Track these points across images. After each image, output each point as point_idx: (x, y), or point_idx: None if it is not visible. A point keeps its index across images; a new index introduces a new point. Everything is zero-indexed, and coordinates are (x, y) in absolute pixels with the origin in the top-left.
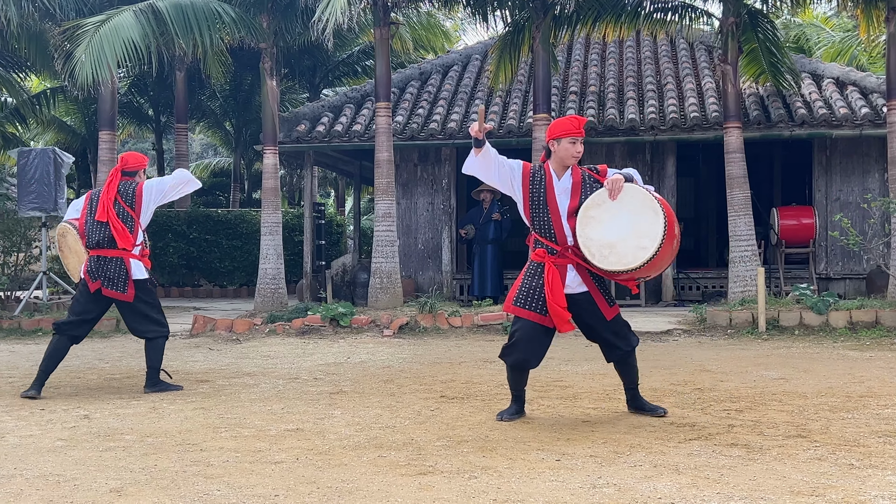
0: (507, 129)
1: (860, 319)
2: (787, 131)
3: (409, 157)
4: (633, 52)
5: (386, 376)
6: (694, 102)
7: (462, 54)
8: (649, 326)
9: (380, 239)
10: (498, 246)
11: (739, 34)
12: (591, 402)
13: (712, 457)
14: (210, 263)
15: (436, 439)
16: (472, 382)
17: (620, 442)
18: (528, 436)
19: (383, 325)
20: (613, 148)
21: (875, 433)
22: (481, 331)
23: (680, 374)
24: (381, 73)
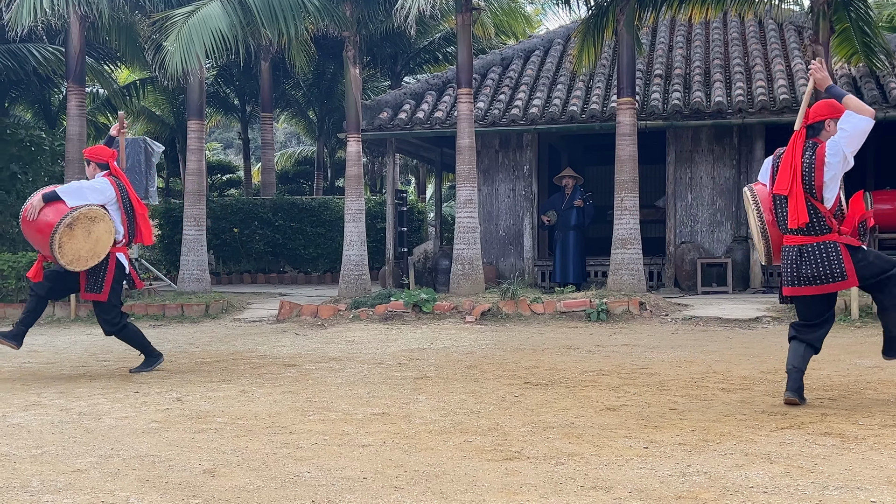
0: (590, 113)
1: None
2: (882, 113)
3: (491, 143)
4: (720, 33)
5: (469, 362)
6: (783, 84)
7: (544, 39)
8: (737, 314)
9: (461, 225)
10: (580, 232)
11: (831, 13)
12: (679, 389)
13: (805, 446)
14: (295, 250)
15: (521, 425)
16: (556, 369)
17: (710, 430)
18: (615, 423)
19: (465, 312)
20: (700, 132)
21: None
22: (564, 317)
23: (770, 361)
24: (463, 59)
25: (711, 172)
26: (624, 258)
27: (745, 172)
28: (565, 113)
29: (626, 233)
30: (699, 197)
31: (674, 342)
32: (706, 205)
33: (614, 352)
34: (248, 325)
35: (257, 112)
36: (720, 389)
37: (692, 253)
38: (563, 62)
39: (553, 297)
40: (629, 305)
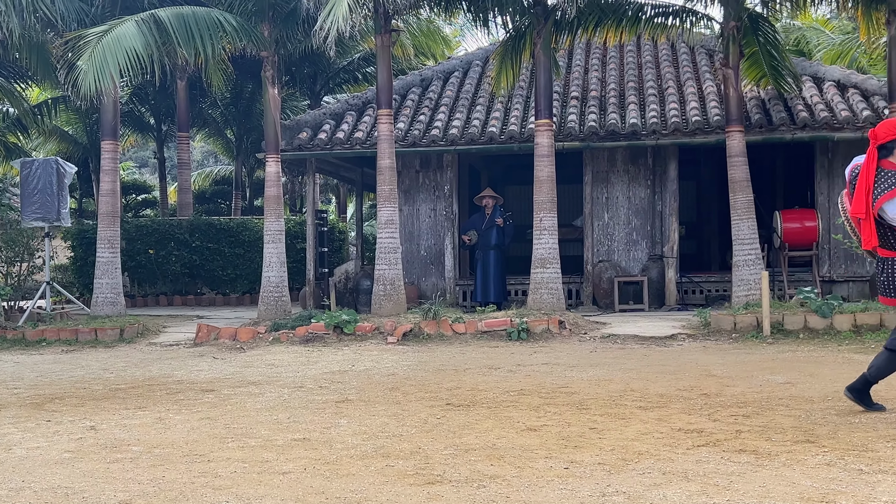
0: (508, 134)
1: (864, 322)
2: (789, 134)
3: (411, 163)
4: (634, 56)
5: (391, 384)
6: (695, 106)
7: (463, 60)
8: (653, 331)
9: (383, 246)
10: (500, 251)
11: (740, 38)
12: (598, 408)
13: (721, 463)
14: (212, 272)
15: (443, 448)
16: (478, 389)
17: (628, 449)
18: (536, 443)
19: (387, 333)
20: (616, 152)
21: (883, 437)
22: (485, 337)
23: (686, 378)
24: (383, 80)
25: (627, 192)
26: (543, 277)
27: (660, 192)
28: (484, 134)
29: (545, 252)
30: (616, 216)
31: (593, 360)
32: (622, 224)
33: (535, 371)
34: (165, 349)
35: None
36: (638, 408)
37: (609, 271)
38: (482, 83)
39: (474, 316)
40: (549, 324)
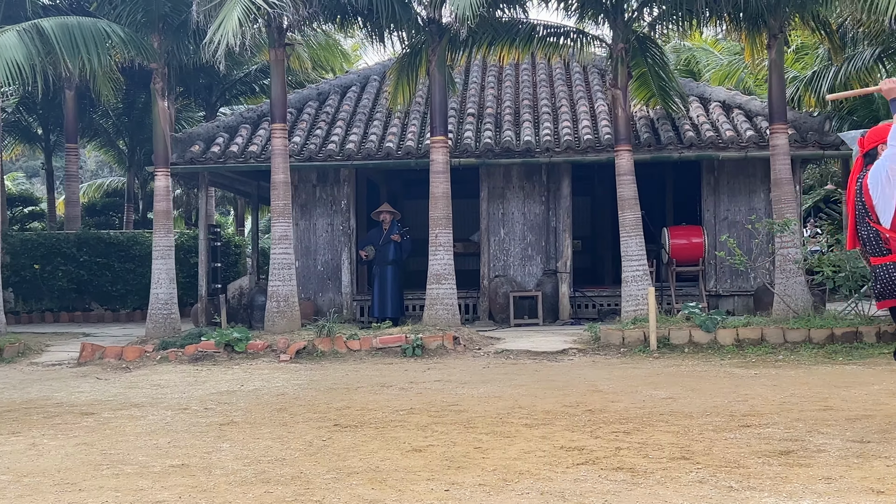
0: (405, 150)
1: (746, 337)
2: (677, 153)
3: (308, 177)
4: (529, 74)
5: (280, 404)
6: (588, 125)
7: (360, 75)
8: (546, 346)
9: (277, 262)
10: (398, 267)
11: (629, 59)
12: (485, 426)
13: (598, 482)
14: (101, 287)
15: (325, 472)
16: (368, 409)
17: (510, 469)
18: (420, 465)
19: (280, 350)
20: (511, 169)
21: (755, 453)
22: (380, 354)
23: (573, 394)
24: (277, 94)
25: (523, 208)
26: (439, 293)
27: (554, 209)
28: (381, 149)
29: (440, 268)
30: (511, 232)
31: (485, 377)
32: (518, 240)
33: (427, 388)
34: (46, 369)
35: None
36: (524, 425)
37: (505, 286)
38: (380, 98)
39: (370, 333)
40: (444, 340)
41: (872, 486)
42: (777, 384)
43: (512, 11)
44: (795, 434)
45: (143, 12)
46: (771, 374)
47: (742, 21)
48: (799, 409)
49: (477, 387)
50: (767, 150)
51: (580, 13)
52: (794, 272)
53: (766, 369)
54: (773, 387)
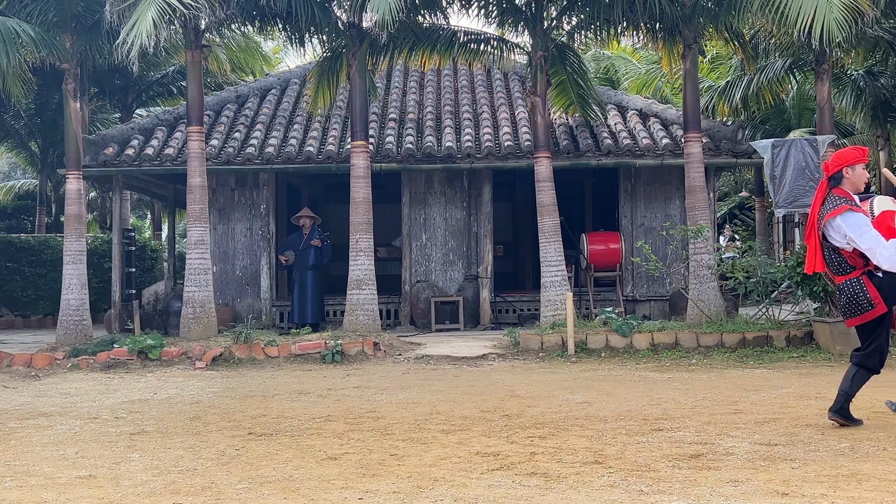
0: (326, 154)
1: (661, 341)
2: (595, 160)
3: (226, 181)
4: (451, 80)
5: (193, 413)
6: (508, 131)
7: (281, 78)
8: (466, 351)
9: (193, 267)
10: (318, 272)
11: (548, 67)
12: (402, 433)
13: (512, 487)
14: (11, 292)
15: (237, 481)
16: (284, 417)
17: (425, 475)
18: (334, 473)
19: (195, 358)
20: (433, 175)
21: (666, 457)
22: (299, 360)
23: (491, 400)
24: (193, 96)
25: (444, 214)
26: (359, 299)
27: (475, 214)
28: (302, 153)
29: (361, 273)
30: (433, 237)
31: (404, 382)
32: (440, 245)
33: (345, 395)
34: None
35: None
36: (441, 431)
37: (427, 291)
38: (300, 102)
39: (289, 339)
40: (364, 346)
41: (777, 489)
42: (689, 388)
43: (433, 17)
44: (705, 437)
45: (54, 11)
46: (684, 377)
47: (658, 31)
48: (710, 412)
49: (396, 393)
50: (683, 157)
51: (500, 20)
52: (708, 278)
53: (680, 373)
54: (685, 391)
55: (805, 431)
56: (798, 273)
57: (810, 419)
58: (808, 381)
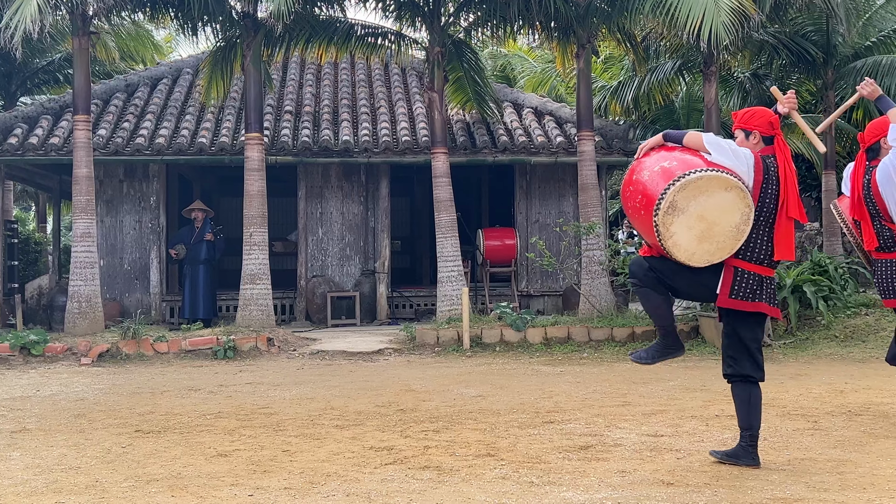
0: (219, 146)
1: (554, 335)
2: (491, 157)
3: (115, 172)
4: (348, 74)
5: (78, 410)
6: (406, 127)
7: (172, 67)
8: (362, 346)
9: (78, 260)
10: (211, 266)
11: (445, 63)
12: (295, 429)
13: (405, 481)
14: None
15: (123, 480)
16: (173, 413)
17: (317, 471)
18: (224, 470)
19: (81, 354)
20: (329, 169)
21: (557, 449)
22: (189, 356)
23: (386, 394)
24: (80, 84)
25: (341, 208)
26: (253, 293)
27: (373, 209)
28: (194, 144)
29: (255, 268)
30: (330, 232)
31: (298, 378)
32: (336, 240)
33: (237, 391)
34: None
35: None
36: (335, 426)
37: (323, 286)
38: (193, 92)
39: (179, 334)
40: (257, 342)
41: (663, 479)
42: (581, 381)
43: (330, 10)
44: (595, 429)
45: None
46: (575, 371)
47: (553, 30)
48: (600, 405)
49: (289, 389)
50: (576, 156)
51: (398, 15)
52: (599, 273)
53: (572, 367)
54: (576, 384)
55: (690, 423)
56: None
57: (695, 411)
58: (694, 374)
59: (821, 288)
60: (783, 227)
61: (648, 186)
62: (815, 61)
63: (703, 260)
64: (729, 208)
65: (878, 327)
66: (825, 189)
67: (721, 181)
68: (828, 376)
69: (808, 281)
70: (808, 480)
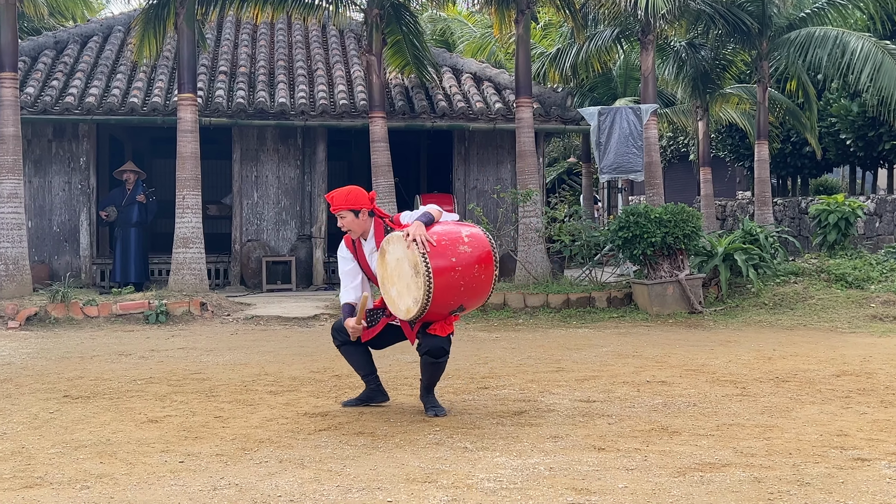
0: (151, 106)
1: (490, 302)
2: (430, 122)
3: (43, 132)
4: (285, 35)
5: (4, 375)
6: (343, 90)
7: (103, 24)
8: (297, 312)
9: (5, 222)
10: (142, 229)
11: (384, 26)
12: (228, 395)
13: (338, 447)
14: None
15: (50, 446)
16: (102, 379)
17: (250, 437)
18: (155, 436)
19: (8, 317)
20: (265, 131)
21: (490, 414)
22: (120, 320)
23: (321, 360)
24: (7, 41)
25: (277, 172)
26: (186, 257)
27: (309, 173)
28: (125, 104)
29: (187, 231)
30: (265, 196)
31: (232, 343)
32: (272, 203)
33: (169, 356)
34: None
35: None
36: (268, 392)
37: (258, 251)
38: (124, 51)
39: (110, 298)
40: (190, 306)
41: (595, 444)
42: (516, 347)
43: None
44: (529, 395)
45: None
46: (511, 337)
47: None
48: (534, 370)
49: (223, 354)
50: (514, 122)
51: None
52: (535, 240)
53: (507, 333)
54: (511, 349)
55: (622, 388)
56: (620, 237)
57: (627, 377)
58: (627, 341)
59: (751, 256)
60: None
61: (477, 253)
62: (750, 31)
63: None
64: None
65: (806, 295)
66: (758, 159)
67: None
68: (756, 343)
69: (738, 249)
70: (735, 446)
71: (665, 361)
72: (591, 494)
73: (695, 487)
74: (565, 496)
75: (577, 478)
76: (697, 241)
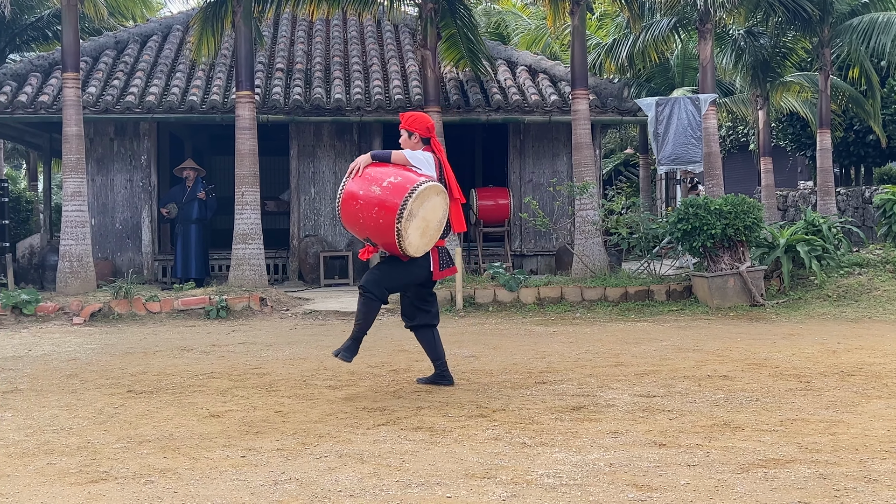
0: (210, 104)
1: (547, 295)
2: (485, 116)
3: (105, 130)
4: (340, 31)
5: (70, 370)
6: (398, 84)
7: (162, 24)
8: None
9: (69, 219)
10: (203, 225)
11: (438, 20)
12: (288, 389)
13: (397, 442)
14: None
15: (115, 441)
16: (165, 374)
17: (310, 432)
18: (216, 431)
19: (73, 313)
20: (321, 127)
21: (549, 409)
22: (182, 316)
23: (379, 355)
24: (69, 41)
25: (333, 167)
26: (245, 253)
27: None
28: (185, 102)
29: (247, 228)
30: (322, 191)
31: (291, 338)
32: (329, 199)
33: (230, 351)
34: None
35: None
36: (328, 387)
37: (316, 246)
38: (183, 49)
39: (171, 294)
40: (250, 301)
41: (655, 439)
42: (573, 341)
43: None
44: (587, 390)
45: None
46: (568, 331)
47: None
48: (592, 365)
49: (282, 349)
50: (570, 114)
51: None
52: (592, 233)
53: (564, 327)
54: (569, 343)
55: (682, 383)
56: (679, 229)
57: (688, 371)
58: (687, 334)
59: (814, 247)
60: (453, 208)
61: (385, 199)
62: (811, 18)
63: (423, 251)
64: (437, 208)
65: (870, 287)
66: (820, 148)
67: (434, 188)
68: (820, 336)
69: (801, 241)
70: (800, 441)
71: (726, 355)
72: (653, 491)
73: (758, 484)
74: (626, 492)
75: (638, 474)
76: (758, 233)
